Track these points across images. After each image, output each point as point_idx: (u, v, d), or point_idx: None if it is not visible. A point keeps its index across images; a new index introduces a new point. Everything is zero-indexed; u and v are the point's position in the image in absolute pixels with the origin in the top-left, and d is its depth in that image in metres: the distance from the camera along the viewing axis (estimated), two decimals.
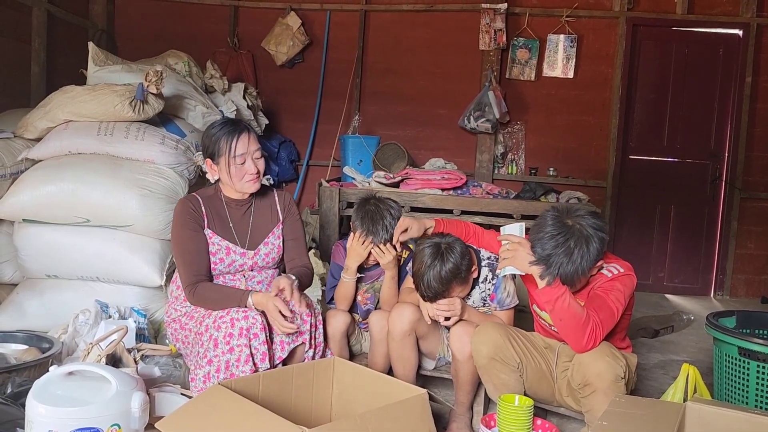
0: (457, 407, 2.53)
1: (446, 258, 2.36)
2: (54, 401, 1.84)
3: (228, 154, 2.39)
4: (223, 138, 2.40)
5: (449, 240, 2.43)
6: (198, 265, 2.40)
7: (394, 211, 2.63)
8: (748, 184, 5.50)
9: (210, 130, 2.48)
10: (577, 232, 2.13)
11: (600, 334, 2.12)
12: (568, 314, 2.11)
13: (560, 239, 2.12)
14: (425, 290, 2.39)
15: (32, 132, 3.34)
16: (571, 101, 5.61)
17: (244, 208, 2.54)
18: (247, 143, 2.42)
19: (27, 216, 3.03)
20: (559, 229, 2.14)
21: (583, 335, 2.10)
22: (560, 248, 2.11)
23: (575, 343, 2.14)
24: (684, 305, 5.19)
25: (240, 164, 2.41)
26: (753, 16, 5.41)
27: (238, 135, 2.40)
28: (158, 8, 5.88)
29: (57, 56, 4.93)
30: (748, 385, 2.32)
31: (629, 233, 5.69)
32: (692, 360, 3.47)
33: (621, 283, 2.21)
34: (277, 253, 2.57)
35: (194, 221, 2.43)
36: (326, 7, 5.79)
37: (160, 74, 3.23)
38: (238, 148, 2.39)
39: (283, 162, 5.62)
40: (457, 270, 2.37)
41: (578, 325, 2.10)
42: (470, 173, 5.44)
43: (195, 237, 2.42)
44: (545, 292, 2.14)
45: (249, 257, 2.50)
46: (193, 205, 2.46)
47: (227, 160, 2.40)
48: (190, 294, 2.37)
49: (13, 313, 3.04)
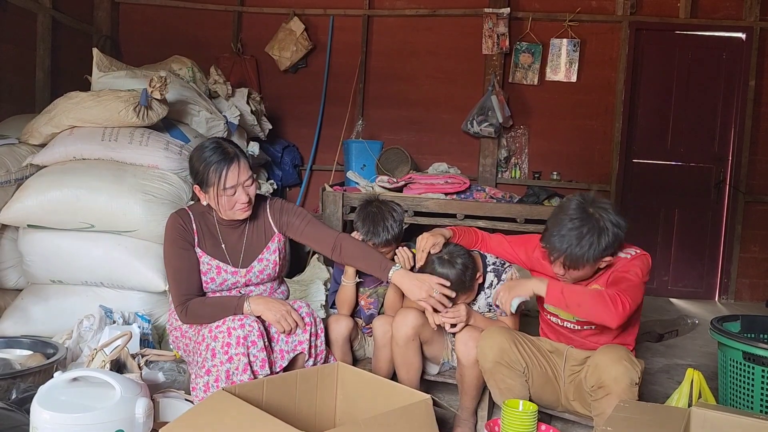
0: (461, 412, 2.53)
1: (449, 270, 2.39)
2: (58, 407, 1.84)
3: (217, 185, 2.27)
4: (212, 168, 2.26)
5: (452, 250, 2.45)
6: (188, 284, 2.33)
7: (396, 214, 2.64)
8: (752, 188, 5.49)
9: (201, 154, 2.32)
10: (595, 221, 2.19)
11: (626, 301, 2.10)
12: (581, 296, 2.14)
13: (576, 223, 2.18)
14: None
15: (37, 138, 3.36)
16: (575, 105, 5.61)
17: (236, 228, 2.45)
18: (237, 174, 2.28)
19: (32, 221, 3.04)
20: (579, 214, 2.20)
21: (607, 305, 2.09)
22: (574, 231, 2.17)
23: (607, 315, 2.10)
24: (688, 309, 5.18)
25: (230, 195, 2.30)
26: (756, 20, 5.40)
27: (228, 166, 2.27)
28: (162, 14, 5.91)
29: (61, 62, 4.95)
30: (753, 389, 2.31)
31: (633, 237, 5.50)
32: (697, 364, 3.46)
33: (638, 260, 2.29)
34: (273, 269, 2.48)
35: (183, 239, 2.35)
36: (330, 12, 5.81)
37: (164, 80, 3.24)
38: (229, 180, 2.27)
39: (287, 167, 5.63)
40: (459, 281, 2.40)
41: (597, 300, 2.11)
42: (474, 177, 5.44)
43: (184, 255, 2.34)
44: (550, 292, 2.17)
45: (241, 275, 2.42)
46: (183, 222, 2.38)
47: (216, 191, 2.28)
48: (182, 314, 2.31)
49: (18, 318, 3.05)
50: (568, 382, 2.36)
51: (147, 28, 5.88)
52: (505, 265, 2.60)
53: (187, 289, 2.33)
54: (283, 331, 2.28)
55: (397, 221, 2.61)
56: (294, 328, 2.30)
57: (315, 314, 2.42)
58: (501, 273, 2.58)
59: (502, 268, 2.59)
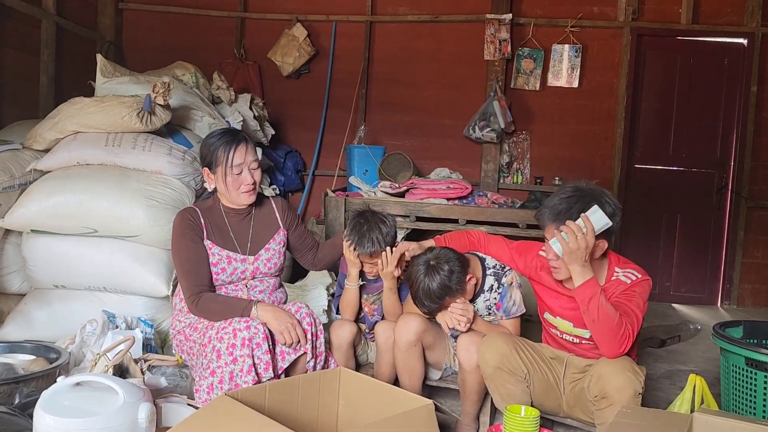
0: (463, 418, 2.53)
1: (433, 275, 2.38)
2: (61, 412, 1.85)
3: (225, 163, 2.40)
4: (221, 147, 2.41)
5: (439, 254, 2.44)
6: (199, 275, 2.39)
7: (383, 226, 2.63)
8: (754, 193, 5.48)
9: (209, 139, 2.49)
10: (590, 192, 2.20)
11: (631, 339, 2.12)
12: (602, 314, 2.10)
13: (573, 198, 2.20)
14: (420, 307, 2.44)
15: (41, 143, 3.37)
16: (576, 111, 5.62)
17: (243, 216, 2.54)
18: (245, 153, 2.42)
19: (35, 226, 3.05)
20: (572, 191, 2.23)
21: (616, 337, 2.10)
22: (564, 200, 2.20)
23: (608, 347, 2.12)
24: (691, 315, 5.17)
25: (237, 174, 2.41)
26: (758, 26, 5.41)
27: (236, 145, 2.41)
28: (166, 20, 5.93)
29: (65, 68, 4.97)
30: (756, 395, 2.31)
31: (635, 243, 5.67)
32: (699, 370, 3.46)
33: (640, 287, 2.24)
34: (279, 259, 2.57)
35: (193, 232, 2.43)
36: (332, 18, 5.83)
37: (168, 85, 3.26)
38: (236, 158, 2.40)
39: (289, 172, 5.64)
40: (445, 286, 2.38)
41: (612, 327, 2.10)
42: (476, 183, 5.44)
43: (195, 247, 2.41)
44: (580, 291, 2.13)
45: (250, 263, 2.49)
46: (191, 217, 2.46)
47: (224, 170, 2.41)
48: (192, 305, 2.36)
49: (21, 323, 3.06)
50: (568, 389, 2.36)
51: (150, 34, 5.91)
52: (505, 269, 2.59)
53: (198, 280, 2.38)
54: (284, 342, 2.29)
55: (384, 234, 2.61)
56: (295, 344, 2.31)
57: (315, 315, 2.44)
58: (501, 276, 2.58)
59: (503, 272, 2.59)
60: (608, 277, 2.28)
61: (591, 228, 2.10)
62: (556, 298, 2.38)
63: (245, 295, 2.48)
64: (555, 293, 2.37)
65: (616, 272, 2.28)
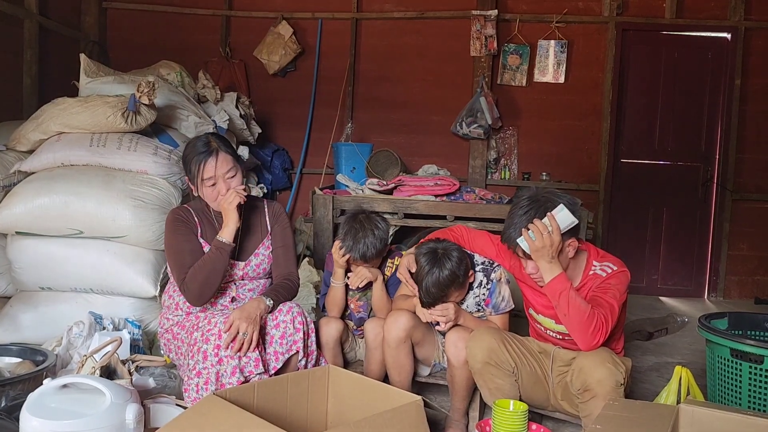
0: (452, 413, 2.54)
1: (443, 264, 2.38)
2: (48, 414, 1.83)
3: (197, 177, 2.40)
4: (192, 161, 2.41)
5: (446, 245, 2.45)
6: (192, 263, 2.39)
7: (378, 231, 2.64)
8: (739, 186, 5.54)
9: (185, 150, 2.50)
10: (544, 201, 2.23)
11: (605, 331, 2.14)
12: (573, 308, 2.13)
13: (531, 211, 2.22)
14: (424, 296, 2.42)
15: (24, 144, 3.34)
16: (563, 106, 5.64)
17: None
18: (215, 167, 2.39)
19: (20, 228, 3.02)
20: (529, 204, 2.25)
21: (588, 329, 2.12)
22: (524, 216, 2.22)
23: (582, 339, 2.16)
24: (678, 307, 5.21)
25: (210, 186, 2.41)
26: (741, 20, 5.45)
27: (206, 159, 2.38)
28: (150, 19, 5.90)
29: (49, 68, 4.93)
30: (741, 386, 2.33)
31: (622, 236, 5.71)
32: (687, 362, 3.49)
33: (616, 279, 2.26)
34: (268, 264, 2.58)
35: (186, 226, 2.45)
36: (318, 16, 5.82)
37: (153, 85, 3.24)
38: (206, 172, 2.39)
39: (277, 170, 5.63)
40: (454, 275, 2.40)
41: (583, 320, 2.12)
42: (463, 179, 5.45)
43: (188, 239, 2.43)
44: (550, 286, 2.17)
45: (240, 268, 2.50)
46: (184, 214, 2.49)
47: (197, 182, 2.42)
48: (185, 292, 2.37)
49: (7, 326, 3.03)
50: (556, 382, 2.37)
51: (135, 33, 5.87)
52: (494, 265, 2.60)
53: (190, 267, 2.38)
54: (226, 331, 2.19)
55: (378, 238, 2.62)
56: (240, 348, 2.18)
57: (306, 314, 2.43)
58: (490, 272, 2.59)
59: (491, 268, 2.59)
60: (585, 273, 2.31)
61: (557, 226, 2.17)
62: (539, 296, 2.40)
63: (234, 294, 2.50)
64: (537, 291, 2.39)
65: (593, 266, 2.31)
